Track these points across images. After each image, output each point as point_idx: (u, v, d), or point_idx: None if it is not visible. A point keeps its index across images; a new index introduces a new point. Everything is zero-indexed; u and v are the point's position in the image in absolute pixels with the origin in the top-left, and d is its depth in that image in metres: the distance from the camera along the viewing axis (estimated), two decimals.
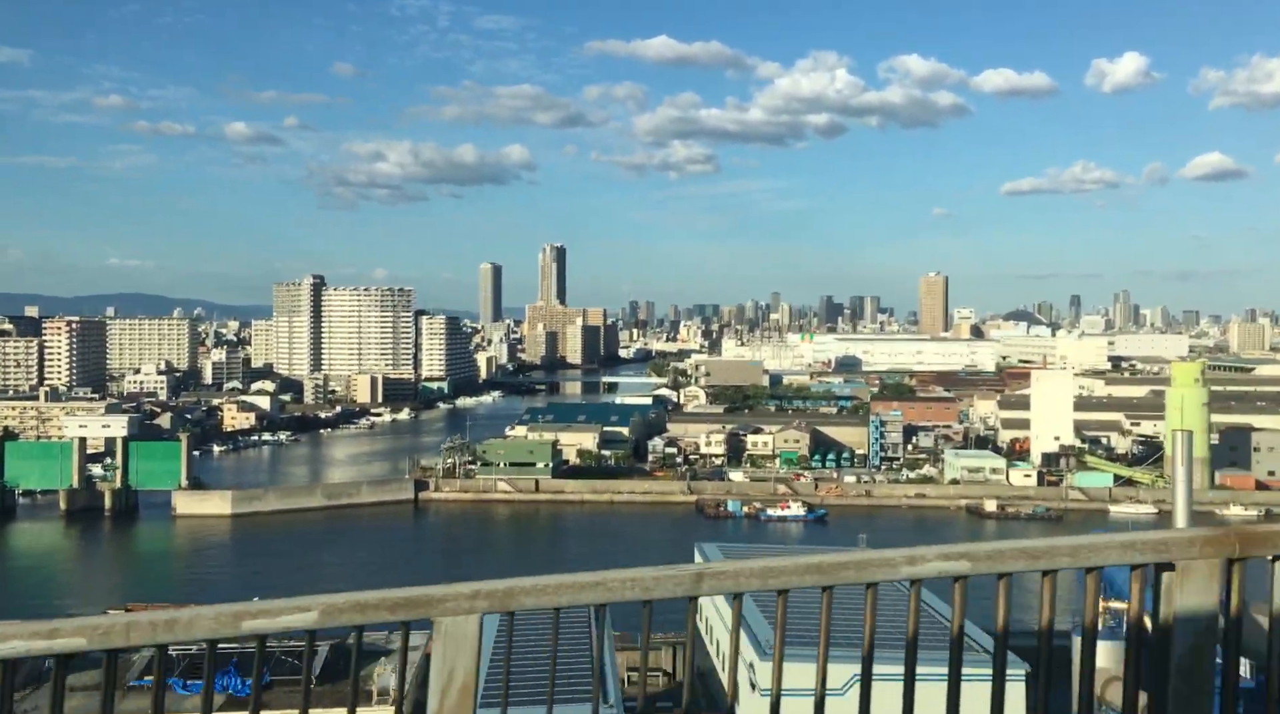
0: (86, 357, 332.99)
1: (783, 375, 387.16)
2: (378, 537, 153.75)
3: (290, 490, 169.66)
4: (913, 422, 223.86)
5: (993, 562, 3.74)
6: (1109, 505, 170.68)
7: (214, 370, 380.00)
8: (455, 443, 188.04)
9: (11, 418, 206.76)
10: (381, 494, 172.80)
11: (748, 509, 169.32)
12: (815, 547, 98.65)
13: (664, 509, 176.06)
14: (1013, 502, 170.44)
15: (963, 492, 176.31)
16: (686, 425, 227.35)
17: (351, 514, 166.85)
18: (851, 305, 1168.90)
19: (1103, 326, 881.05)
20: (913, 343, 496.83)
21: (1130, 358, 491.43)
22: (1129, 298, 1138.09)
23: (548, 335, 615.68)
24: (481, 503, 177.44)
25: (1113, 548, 3.82)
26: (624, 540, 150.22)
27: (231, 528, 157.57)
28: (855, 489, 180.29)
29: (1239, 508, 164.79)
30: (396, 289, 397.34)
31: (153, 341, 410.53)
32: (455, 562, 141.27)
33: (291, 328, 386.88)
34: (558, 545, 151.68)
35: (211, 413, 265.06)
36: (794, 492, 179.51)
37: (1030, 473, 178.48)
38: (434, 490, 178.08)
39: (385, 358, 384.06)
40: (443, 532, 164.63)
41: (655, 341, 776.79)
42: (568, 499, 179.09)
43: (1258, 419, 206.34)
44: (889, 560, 3.72)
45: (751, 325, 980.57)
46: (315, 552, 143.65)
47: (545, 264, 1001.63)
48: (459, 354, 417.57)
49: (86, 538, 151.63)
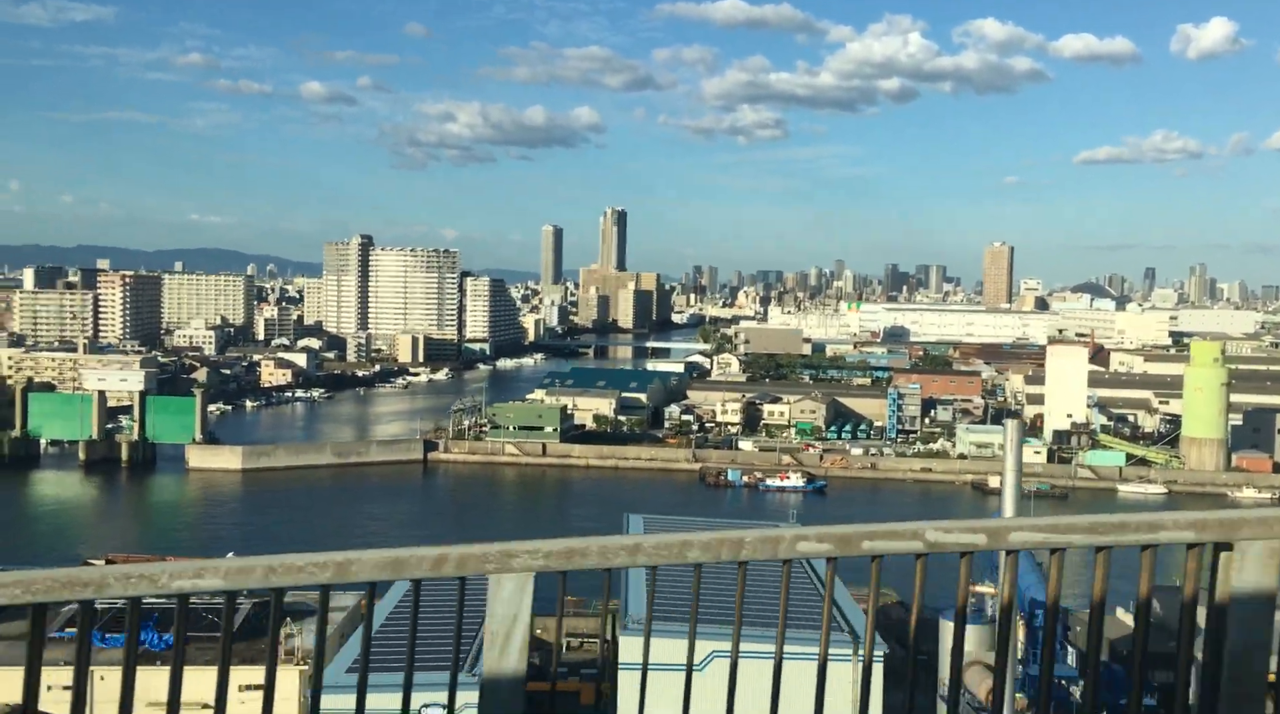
0: (140, 311, 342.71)
1: (826, 344, 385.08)
2: (385, 495, 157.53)
3: (300, 448, 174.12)
4: (934, 395, 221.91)
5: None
6: (1118, 485, 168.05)
7: (266, 327, 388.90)
8: (465, 405, 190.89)
9: (51, 370, 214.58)
10: (391, 454, 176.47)
11: (747, 479, 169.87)
12: (740, 522, 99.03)
13: (668, 476, 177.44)
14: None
15: (969, 467, 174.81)
16: (707, 393, 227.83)
17: (360, 472, 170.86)
18: (917, 274, 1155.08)
19: (1175, 301, 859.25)
20: (963, 314, 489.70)
21: (1193, 334, 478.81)
22: (1205, 271, 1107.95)
23: (599, 299, 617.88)
24: (489, 465, 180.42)
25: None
26: (613, 506, 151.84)
27: (242, 482, 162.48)
28: (861, 461, 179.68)
29: (1253, 491, 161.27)
30: (442, 250, 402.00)
31: (209, 297, 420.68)
32: (459, 522, 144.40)
33: (340, 287, 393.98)
34: (549, 508, 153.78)
35: (250, 369, 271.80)
36: (799, 463, 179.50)
37: (1040, 450, 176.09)
38: (443, 451, 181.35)
39: (430, 318, 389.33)
40: (448, 492, 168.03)
41: (711, 307, 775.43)
42: (573, 463, 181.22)
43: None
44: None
45: (813, 293, 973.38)
46: (323, 507, 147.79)
47: (606, 228, 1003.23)
48: (503, 316, 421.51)
49: (100, 488, 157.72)
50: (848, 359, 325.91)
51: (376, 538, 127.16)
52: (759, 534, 3.70)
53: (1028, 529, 3.72)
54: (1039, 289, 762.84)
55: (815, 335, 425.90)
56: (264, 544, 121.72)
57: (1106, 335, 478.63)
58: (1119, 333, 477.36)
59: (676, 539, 3.65)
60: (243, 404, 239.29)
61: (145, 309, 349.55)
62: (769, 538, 3.68)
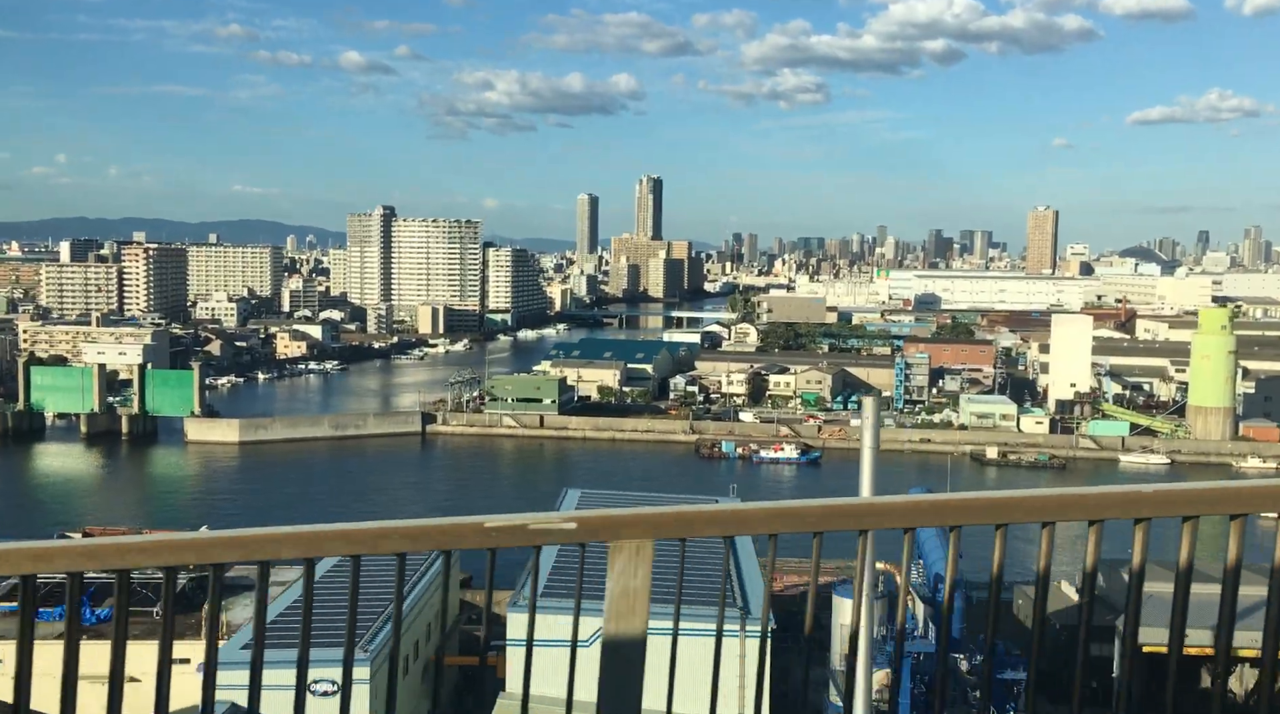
0: (165, 283, 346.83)
1: (853, 313, 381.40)
2: (381, 467, 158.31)
3: (297, 421, 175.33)
4: (945, 365, 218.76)
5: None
6: (1120, 455, 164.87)
7: (291, 299, 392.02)
8: (464, 377, 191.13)
9: (65, 343, 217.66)
10: (389, 426, 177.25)
11: (742, 451, 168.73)
12: (683, 496, 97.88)
13: (665, 448, 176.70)
14: (1017, 449, 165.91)
15: (969, 438, 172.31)
16: (715, 364, 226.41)
17: (358, 445, 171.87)
18: (961, 240, 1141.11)
19: (1227, 264, 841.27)
20: (996, 281, 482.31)
21: (1237, 298, 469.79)
22: (1260, 234, 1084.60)
23: (629, 268, 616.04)
24: (487, 437, 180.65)
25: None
26: (603, 479, 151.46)
27: (238, 455, 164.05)
28: (858, 432, 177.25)
29: (1258, 460, 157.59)
30: (464, 221, 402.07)
31: (237, 269, 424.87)
32: (455, 494, 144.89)
33: (363, 258, 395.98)
34: (535, 481, 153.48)
35: (267, 341, 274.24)
36: (796, 434, 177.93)
37: (1042, 420, 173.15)
38: (441, 424, 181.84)
39: (453, 289, 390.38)
40: (443, 464, 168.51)
41: (746, 276, 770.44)
42: (570, 436, 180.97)
43: None
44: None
45: (855, 259, 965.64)
46: (318, 480, 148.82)
47: (641, 196, 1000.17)
48: (527, 286, 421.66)
49: (98, 461, 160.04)
50: (869, 328, 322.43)
51: (363, 510, 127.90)
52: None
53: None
54: (1085, 254, 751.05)
55: (844, 303, 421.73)
56: (251, 516, 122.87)
57: (1146, 301, 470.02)
58: (1159, 298, 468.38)
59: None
60: (255, 376, 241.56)
61: (171, 281, 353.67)
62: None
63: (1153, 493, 3.65)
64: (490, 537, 3.64)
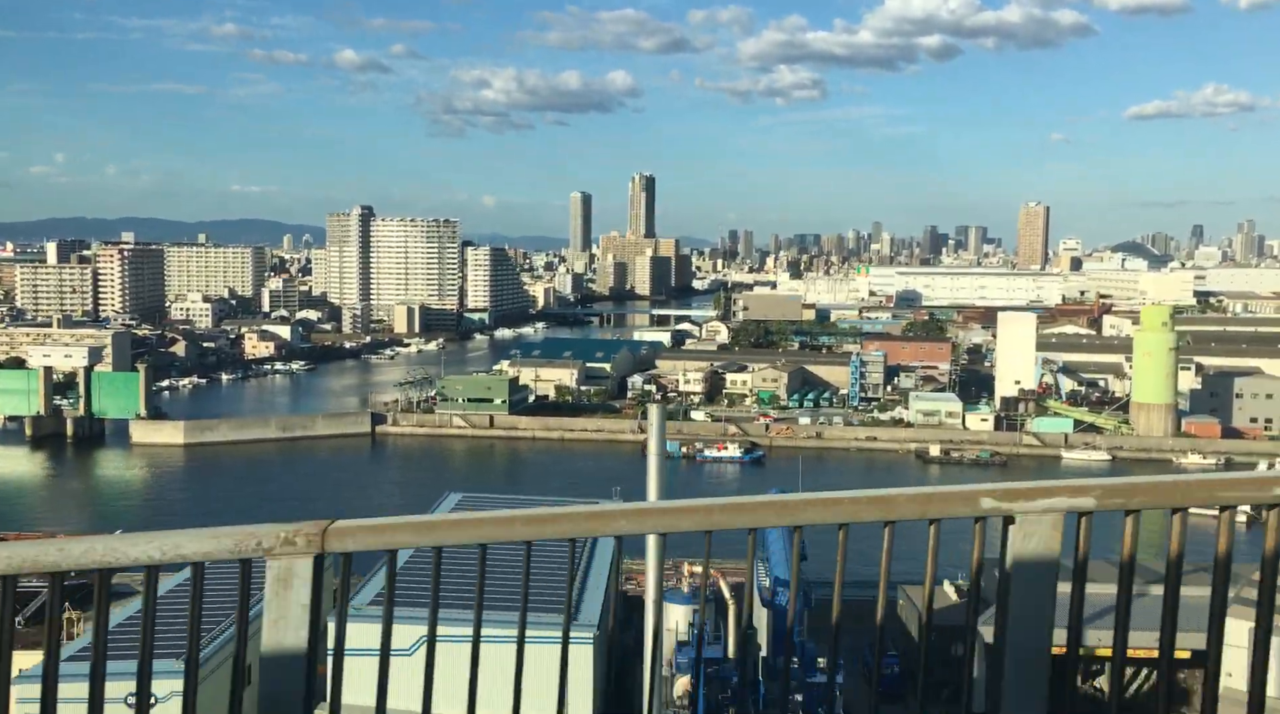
0: (141, 284, 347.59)
1: (831, 310, 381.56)
2: (326, 468, 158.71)
3: (244, 422, 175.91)
4: (903, 362, 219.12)
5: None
6: (1062, 451, 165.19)
7: (271, 299, 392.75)
8: (415, 377, 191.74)
9: (25, 344, 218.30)
10: (338, 427, 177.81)
11: (685, 450, 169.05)
12: (565, 499, 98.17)
13: (613, 447, 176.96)
14: (961, 446, 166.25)
15: (914, 435, 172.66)
16: (676, 362, 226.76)
17: (306, 446, 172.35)
18: (957, 236, 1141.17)
19: (1219, 258, 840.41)
20: (976, 277, 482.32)
21: (1219, 293, 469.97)
22: (1252, 228, 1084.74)
23: (616, 266, 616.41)
24: (437, 437, 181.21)
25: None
26: (537, 482, 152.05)
27: (184, 457, 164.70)
28: (807, 431, 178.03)
29: (1198, 456, 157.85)
30: (442, 220, 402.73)
31: (218, 269, 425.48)
32: (401, 493, 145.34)
33: (342, 257, 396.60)
34: (458, 482, 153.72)
35: (236, 342, 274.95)
36: (744, 432, 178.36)
37: (987, 417, 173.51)
38: (391, 424, 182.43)
39: (431, 288, 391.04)
40: (382, 465, 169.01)
41: (737, 273, 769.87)
42: (520, 436, 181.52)
43: (1265, 362, 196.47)
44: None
45: (850, 255, 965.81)
46: (262, 481, 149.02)
47: (634, 194, 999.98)
48: (506, 285, 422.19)
49: (40, 463, 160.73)
50: (842, 326, 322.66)
51: (286, 512, 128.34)
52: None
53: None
54: (1078, 249, 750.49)
55: (824, 301, 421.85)
56: (191, 517, 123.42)
57: (1128, 297, 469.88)
58: (1141, 294, 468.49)
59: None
60: (218, 377, 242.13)
61: (147, 282, 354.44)
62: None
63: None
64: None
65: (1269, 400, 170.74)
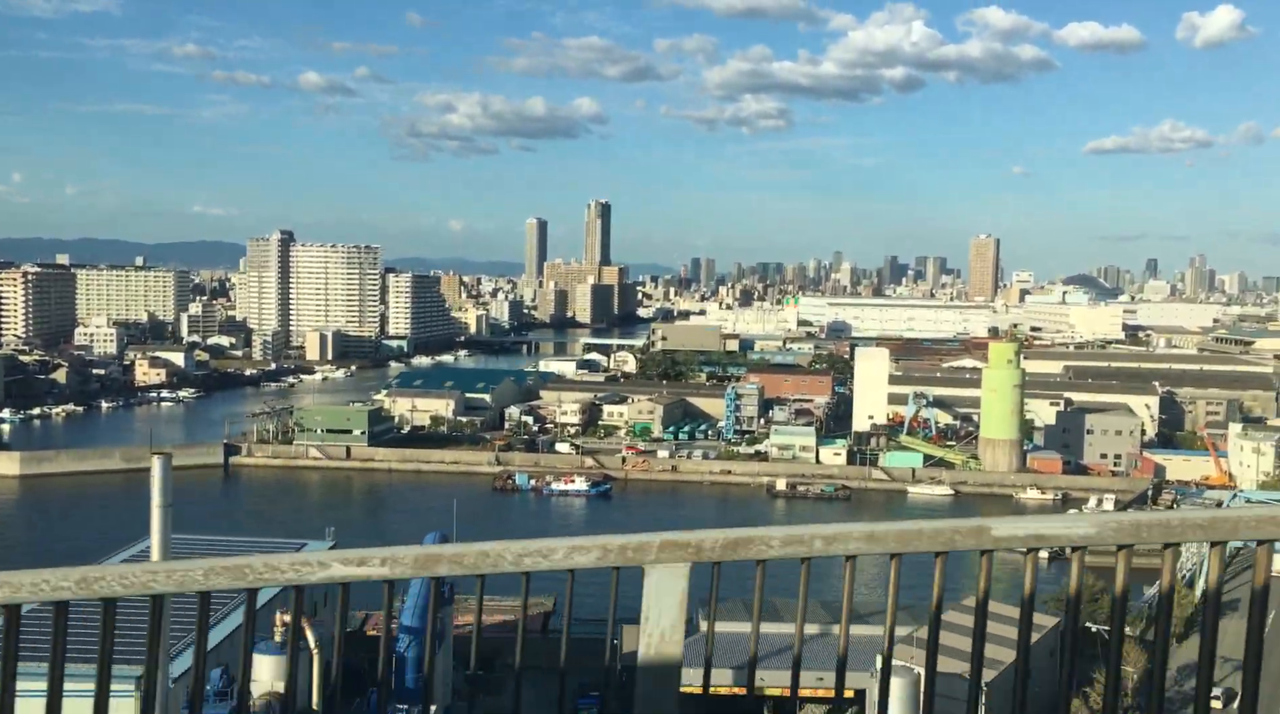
0: (46, 309, 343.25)
1: (755, 341, 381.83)
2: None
3: (86, 453, 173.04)
4: (784, 395, 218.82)
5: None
6: (909, 486, 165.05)
7: (190, 324, 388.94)
8: (270, 407, 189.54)
9: None
10: (188, 458, 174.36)
11: (535, 482, 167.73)
12: (258, 541, 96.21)
13: (469, 480, 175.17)
14: (806, 480, 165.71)
15: (768, 469, 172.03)
16: (559, 393, 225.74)
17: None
18: (916, 266, 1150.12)
19: (1167, 292, 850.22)
20: (905, 309, 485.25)
21: (1148, 328, 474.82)
22: (1204, 262, 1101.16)
23: (557, 293, 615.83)
24: (291, 469, 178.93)
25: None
26: (377, 515, 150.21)
27: (18, 489, 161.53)
28: (662, 464, 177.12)
29: (1036, 491, 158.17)
30: (363, 246, 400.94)
31: (139, 293, 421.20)
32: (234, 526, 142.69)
33: (261, 283, 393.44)
34: (307, 515, 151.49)
35: (129, 368, 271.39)
36: (600, 465, 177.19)
37: (840, 451, 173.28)
38: (245, 455, 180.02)
39: (351, 314, 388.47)
40: (210, 500, 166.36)
41: (688, 302, 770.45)
42: (376, 467, 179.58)
43: (1126, 398, 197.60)
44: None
45: (812, 284, 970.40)
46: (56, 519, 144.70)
47: (590, 220, 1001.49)
48: (430, 312, 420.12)
49: None
50: (752, 357, 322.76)
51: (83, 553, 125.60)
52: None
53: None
54: (1029, 281, 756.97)
55: (752, 331, 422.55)
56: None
57: (1059, 329, 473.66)
58: (1071, 327, 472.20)
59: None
60: (97, 406, 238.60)
61: (54, 306, 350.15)
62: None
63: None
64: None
65: (1118, 436, 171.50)
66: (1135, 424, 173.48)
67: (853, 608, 3.98)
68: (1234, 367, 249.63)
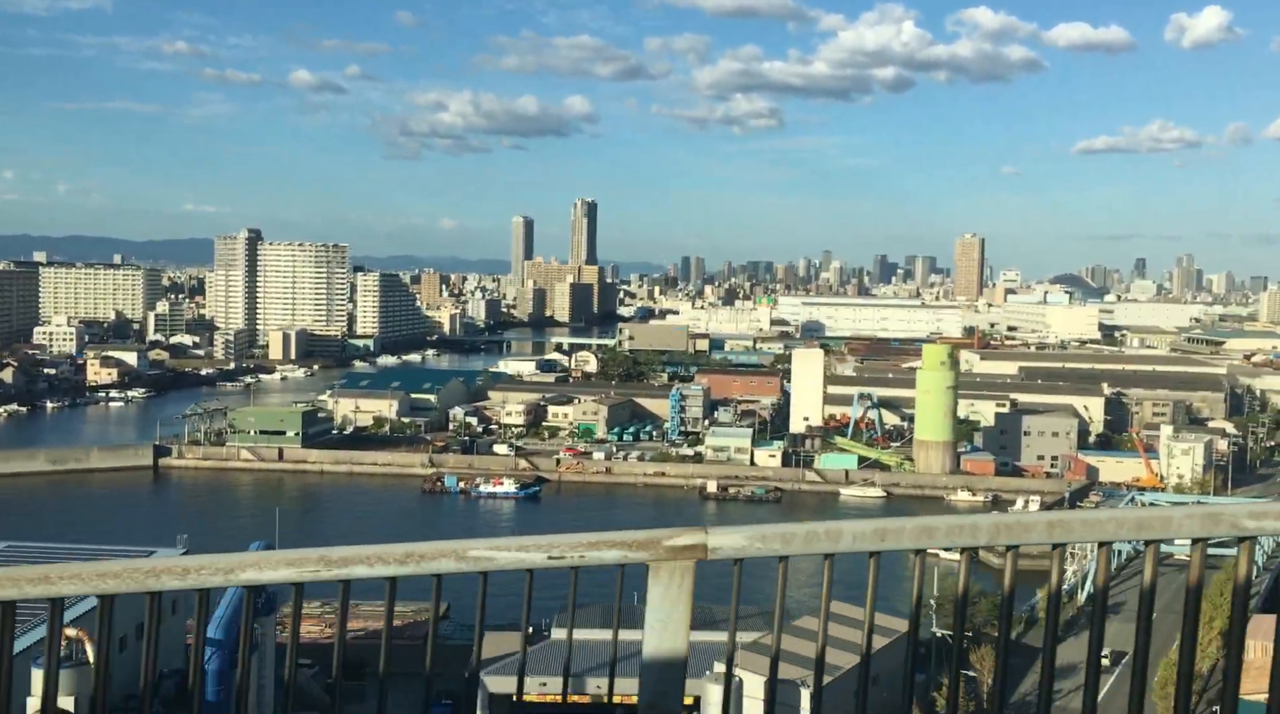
0: (7, 307, 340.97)
1: (725, 340, 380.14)
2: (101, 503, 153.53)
3: (8, 455, 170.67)
4: (734, 396, 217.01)
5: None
6: (841, 488, 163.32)
7: (156, 322, 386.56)
8: (205, 408, 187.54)
9: None
10: (115, 460, 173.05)
11: (463, 484, 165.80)
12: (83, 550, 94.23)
13: (402, 482, 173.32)
14: (737, 482, 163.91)
15: (703, 471, 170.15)
16: (506, 393, 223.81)
17: (80, 480, 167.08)
18: (906, 265, 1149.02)
19: (1153, 291, 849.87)
20: (879, 309, 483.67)
21: (1124, 328, 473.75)
22: (1191, 262, 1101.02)
23: (535, 292, 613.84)
24: (223, 471, 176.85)
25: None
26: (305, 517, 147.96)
27: None
28: (596, 466, 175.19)
29: (967, 493, 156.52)
30: (331, 245, 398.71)
31: (106, 291, 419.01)
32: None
33: (228, 282, 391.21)
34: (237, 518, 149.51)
35: (80, 368, 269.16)
36: (534, 467, 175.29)
37: (775, 453, 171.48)
38: (176, 457, 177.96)
39: (319, 313, 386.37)
40: (119, 502, 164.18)
41: (669, 301, 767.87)
42: (309, 469, 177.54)
43: (1073, 399, 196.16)
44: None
45: (802, 283, 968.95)
46: None
47: (576, 219, 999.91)
48: (400, 311, 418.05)
49: None
50: (715, 357, 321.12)
51: None
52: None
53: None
54: (1016, 281, 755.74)
55: (725, 330, 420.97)
56: None
57: (1035, 330, 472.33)
58: (1047, 327, 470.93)
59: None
60: (42, 406, 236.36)
61: (17, 305, 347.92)
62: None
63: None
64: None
65: (1055, 438, 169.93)
66: (1072, 426, 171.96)
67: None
68: (1187, 368, 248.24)
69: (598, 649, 65.21)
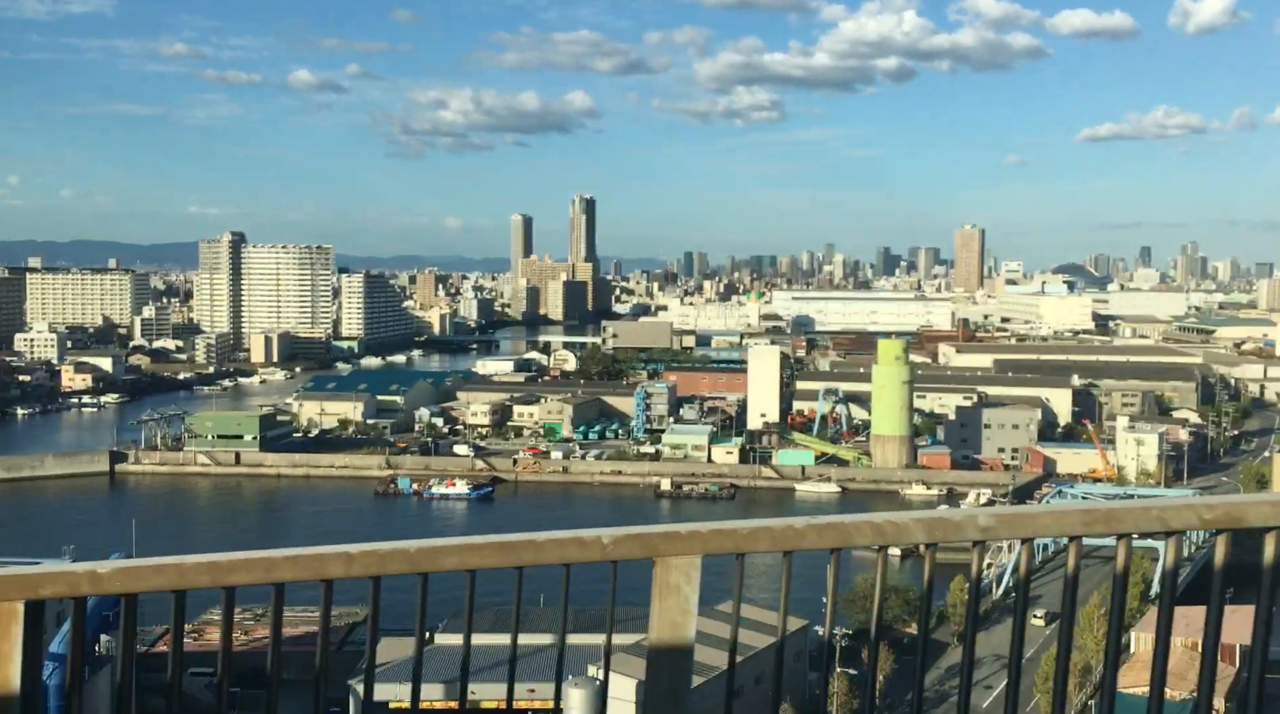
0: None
1: (712, 336, 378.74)
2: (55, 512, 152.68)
3: None
4: (702, 393, 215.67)
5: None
6: (797, 484, 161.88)
7: (143, 327, 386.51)
8: (161, 414, 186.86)
9: None
10: (70, 466, 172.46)
11: (416, 486, 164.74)
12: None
13: (358, 484, 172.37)
14: (691, 479, 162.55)
15: (659, 469, 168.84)
16: (475, 394, 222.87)
17: (35, 487, 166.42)
18: (909, 257, 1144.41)
19: (1156, 280, 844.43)
20: (869, 302, 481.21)
21: (1119, 317, 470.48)
22: (1195, 250, 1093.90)
23: (528, 290, 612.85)
24: (180, 476, 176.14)
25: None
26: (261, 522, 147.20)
27: None
28: (554, 465, 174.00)
29: (922, 487, 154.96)
30: (315, 246, 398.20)
31: (95, 296, 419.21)
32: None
33: (213, 285, 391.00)
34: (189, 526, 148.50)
35: (56, 375, 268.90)
36: (490, 467, 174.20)
37: (732, 450, 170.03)
38: (132, 463, 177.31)
39: (304, 316, 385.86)
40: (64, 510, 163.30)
41: (666, 297, 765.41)
42: (265, 473, 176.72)
43: (1043, 391, 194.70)
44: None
45: (804, 276, 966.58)
46: None
47: (574, 216, 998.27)
48: (386, 312, 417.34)
49: None
50: (696, 354, 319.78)
51: None
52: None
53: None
54: (1018, 272, 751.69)
55: (714, 327, 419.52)
56: None
57: (1028, 320, 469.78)
58: (1039, 318, 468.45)
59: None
60: (12, 412, 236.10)
61: (2, 312, 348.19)
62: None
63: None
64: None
65: (1015, 431, 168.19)
66: (1033, 418, 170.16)
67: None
68: (1163, 358, 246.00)
69: (480, 654, 64.11)
